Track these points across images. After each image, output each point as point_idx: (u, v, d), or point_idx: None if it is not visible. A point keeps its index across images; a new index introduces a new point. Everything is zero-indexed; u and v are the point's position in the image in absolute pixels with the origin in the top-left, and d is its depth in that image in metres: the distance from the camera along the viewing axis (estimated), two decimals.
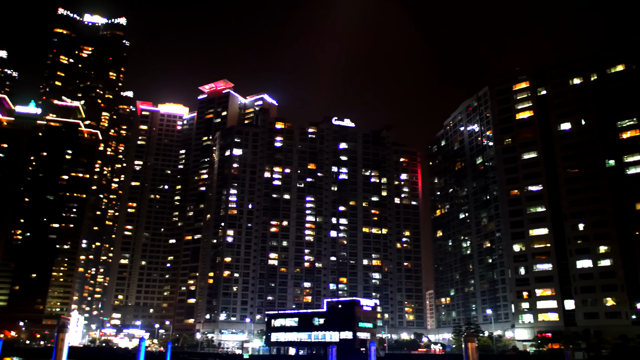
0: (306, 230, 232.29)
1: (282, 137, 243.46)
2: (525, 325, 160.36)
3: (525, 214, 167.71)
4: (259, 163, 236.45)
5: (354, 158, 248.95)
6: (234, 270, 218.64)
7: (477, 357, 58.69)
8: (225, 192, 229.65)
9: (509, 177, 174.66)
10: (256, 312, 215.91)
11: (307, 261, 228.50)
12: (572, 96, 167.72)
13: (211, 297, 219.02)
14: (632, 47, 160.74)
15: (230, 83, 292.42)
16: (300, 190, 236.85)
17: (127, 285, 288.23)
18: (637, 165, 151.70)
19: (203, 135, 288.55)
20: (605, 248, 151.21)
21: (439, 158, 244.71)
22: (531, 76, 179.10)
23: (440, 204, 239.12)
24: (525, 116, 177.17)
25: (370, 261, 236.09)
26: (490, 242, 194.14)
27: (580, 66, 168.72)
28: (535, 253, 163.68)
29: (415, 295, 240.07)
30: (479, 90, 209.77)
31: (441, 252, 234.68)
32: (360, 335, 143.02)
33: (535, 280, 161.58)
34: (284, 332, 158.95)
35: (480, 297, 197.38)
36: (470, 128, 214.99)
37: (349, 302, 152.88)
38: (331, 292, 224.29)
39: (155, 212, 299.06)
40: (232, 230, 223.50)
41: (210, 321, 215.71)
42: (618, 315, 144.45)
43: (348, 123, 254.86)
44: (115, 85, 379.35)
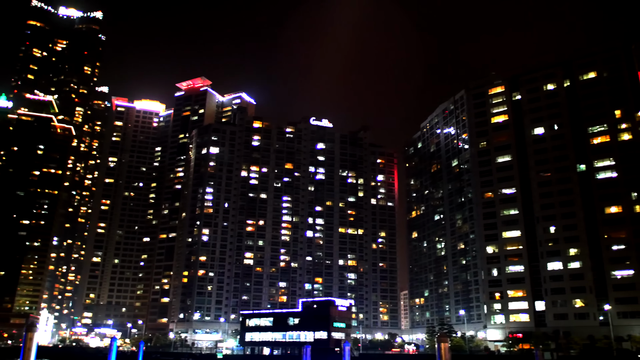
0: (282, 230, 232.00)
1: (259, 136, 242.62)
2: (497, 325, 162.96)
3: (499, 216, 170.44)
4: (236, 162, 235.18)
5: (332, 158, 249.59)
6: (209, 269, 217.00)
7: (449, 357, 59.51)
8: (202, 191, 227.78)
9: (483, 180, 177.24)
10: (231, 312, 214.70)
11: (283, 261, 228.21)
12: (546, 101, 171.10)
13: (185, 297, 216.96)
14: (603, 54, 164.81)
15: (208, 81, 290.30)
16: (277, 190, 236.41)
17: (99, 283, 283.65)
18: (606, 170, 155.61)
19: (179, 132, 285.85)
20: (575, 251, 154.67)
21: (415, 160, 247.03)
22: (506, 81, 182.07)
23: (416, 205, 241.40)
24: (500, 120, 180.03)
25: (345, 261, 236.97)
26: (465, 244, 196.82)
27: (554, 72, 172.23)
28: (507, 255, 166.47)
29: (390, 296, 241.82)
30: (456, 93, 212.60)
31: (416, 253, 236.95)
32: (335, 335, 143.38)
33: (508, 282, 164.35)
34: (258, 332, 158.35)
35: (454, 298, 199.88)
36: (447, 131, 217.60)
37: (324, 302, 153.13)
38: (306, 292, 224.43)
39: (130, 209, 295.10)
40: (208, 229, 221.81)
41: (184, 321, 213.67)
42: (586, 317, 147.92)
43: (326, 123, 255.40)
44: (90, 80, 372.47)
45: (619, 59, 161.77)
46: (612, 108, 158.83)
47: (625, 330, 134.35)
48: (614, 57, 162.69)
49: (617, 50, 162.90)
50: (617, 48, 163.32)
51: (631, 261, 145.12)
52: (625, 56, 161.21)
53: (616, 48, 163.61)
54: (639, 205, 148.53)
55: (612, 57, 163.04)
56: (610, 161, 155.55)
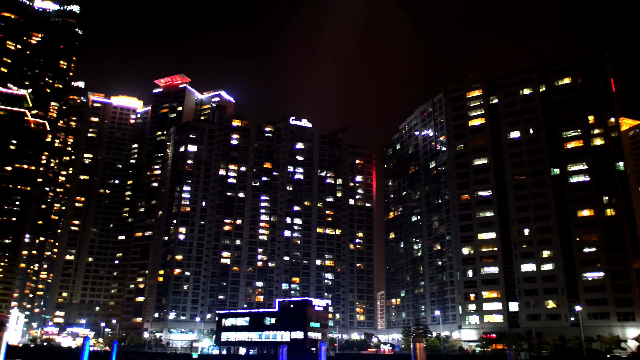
0: (260, 230, 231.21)
1: (238, 134, 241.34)
2: (471, 326, 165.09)
3: (475, 218, 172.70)
4: (214, 160, 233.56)
5: (310, 158, 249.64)
6: (185, 268, 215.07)
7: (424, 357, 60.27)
8: (179, 189, 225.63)
9: (460, 182, 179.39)
10: (207, 311, 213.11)
11: (260, 260, 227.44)
12: (522, 106, 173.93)
13: (161, 296, 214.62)
14: (578, 61, 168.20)
15: (187, 78, 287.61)
16: (255, 189, 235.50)
17: (72, 282, 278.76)
18: (579, 174, 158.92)
19: (157, 130, 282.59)
20: (548, 253, 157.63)
21: (393, 161, 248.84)
22: (484, 85, 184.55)
23: (394, 206, 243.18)
24: (477, 123, 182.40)
25: (323, 261, 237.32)
26: (441, 245, 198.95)
27: (530, 77, 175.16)
28: (483, 256, 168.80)
29: (367, 296, 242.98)
30: (435, 96, 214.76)
31: (393, 254, 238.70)
32: (311, 335, 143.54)
33: (482, 283, 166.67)
34: (234, 332, 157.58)
35: (430, 299, 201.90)
36: (425, 133, 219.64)
37: (301, 302, 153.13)
38: (283, 292, 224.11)
39: (105, 207, 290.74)
40: (185, 228, 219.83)
41: (159, 320, 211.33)
42: (558, 317, 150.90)
43: (305, 123, 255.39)
44: (66, 74, 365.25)
45: (592, 65, 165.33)
46: (585, 113, 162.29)
47: (595, 331, 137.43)
48: (587, 64, 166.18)
49: (591, 57, 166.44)
50: (591, 55, 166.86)
51: (601, 263, 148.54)
52: (599, 63, 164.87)
53: (590, 55, 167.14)
54: (609, 209, 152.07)
55: (586, 63, 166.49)
56: (583, 165, 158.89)
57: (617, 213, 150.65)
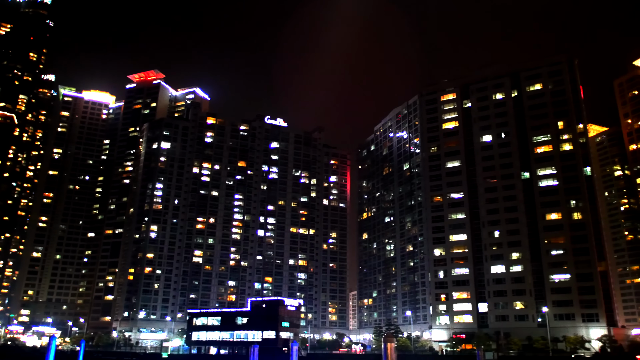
0: (233, 229, 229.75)
1: (212, 132, 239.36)
2: (442, 326, 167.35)
3: (447, 220, 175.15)
4: (188, 158, 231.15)
5: (285, 158, 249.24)
6: (156, 266, 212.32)
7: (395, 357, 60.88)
8: (151, 186, 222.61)
9: (433, 184, 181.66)
10: (177, 311, 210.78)
11: (233, 259, 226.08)
12: (494, 110, 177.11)
13: (130, 294, 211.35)
14: (549, 67, 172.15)
15: (161, 74, 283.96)
16: (229, 188, 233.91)
17: (39, 280, 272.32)
18: (548, 179, 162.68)
19: (130, 126, 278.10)
20: (517, 255, 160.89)
21: (368, 162, 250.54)
22: (458, 88, 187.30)
23: (367, 207, 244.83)
24: (451, 126, 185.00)
25: (296, 261, 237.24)
26: (413, 246, 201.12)
27: (502, 82, 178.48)
28: (454, 258, 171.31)
29: (339, 296, 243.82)
30: (410, 98, 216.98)
31: (366, 254, 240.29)
32: (283, 335, 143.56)
33: (453, 284, 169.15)
34: (205, 331, 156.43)
35: (401, 299, 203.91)
36: (399, 135, 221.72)
37: (273, 302, 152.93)
38: (256, 292, 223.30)
39: (74, 203, 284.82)
40: (156, 226, 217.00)
41: (128, 319, 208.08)
42: (526, 318, 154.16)
43: (281, 122, 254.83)
44: (36, 67, 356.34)
45: (562, 72, 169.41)
46: (555, 119, 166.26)
47: (560, 332, 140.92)
48: (558, 71, 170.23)
49: (562, 64, 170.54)
50: (562, 62, 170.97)
51: (568, 266, 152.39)
52: (569, 70, 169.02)
53: (560, 62, 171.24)
54: (576, 212, 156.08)
55: (556, 70, 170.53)
56: (552, 170, 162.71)
57: (583, 217, 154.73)
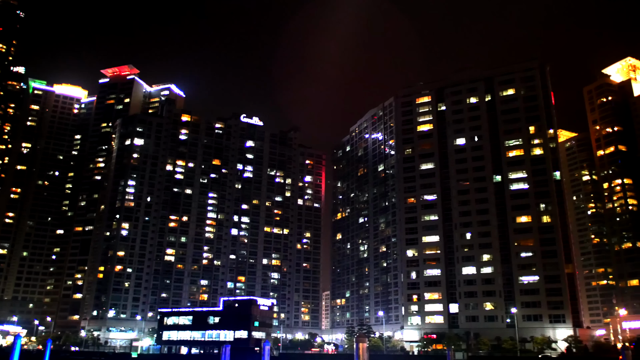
0: (207, 227, 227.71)
1: (187, 130, 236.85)
2: (413, 326, 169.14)
3: (420, 221, 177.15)
4: (161, 155, 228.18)
5: (260, 157, 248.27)
6: (127, 265, 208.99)
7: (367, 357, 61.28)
8: (123, 183, 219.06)
9: (407, 186, 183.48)
10: (148, 310, 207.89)
11: (206, 258, 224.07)
12: (468, 114, 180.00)
13: (100, 293, 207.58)
14: (521, 73, 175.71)
15: (135, 69, 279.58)
16: (203, 186, 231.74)
17: (5, 277, 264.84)
18: (519, 182, 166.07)
19: (102, 121, 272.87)
20: (488, 257, 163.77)
21: (343, 163, 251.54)
22: (433, 92, 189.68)
23: (342, 207, 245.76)
24: (425, 129, 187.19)
25: (269, 261, 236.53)
26: (386, 247, 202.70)
27: (477, 87, 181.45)
28: (426, 259, 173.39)
29: (312, 296, 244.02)
30: (386, 100, 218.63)
31: (339, 255, 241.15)
32: (255, 334, 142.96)
33: (425, 285, 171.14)
34: (176, 331, 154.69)
35: (374, 299, 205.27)
36: (375, 136, 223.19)
37: (246, 301, 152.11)
38: (229, 291, 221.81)
39: (43, 199, 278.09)
40: (128, 223, 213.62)
41: (97, 318, 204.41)
42: (495, 319, 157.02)
43: (256, 121, 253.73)
44: (5, 58, 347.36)
45: (534, 78, 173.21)
46: (527, 124, 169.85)
47: (528, 332, 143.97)
48: (530, 77, 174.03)
49: (534, 70, 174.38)
50: (534, 68, 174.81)
51: (537, 268, 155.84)
52: (541, 76, 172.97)
53: (533, 68, 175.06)
54: (545, 216, 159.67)
55: (529, 76, 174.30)
56: (522, 173, 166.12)
57: (552, 220, 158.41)
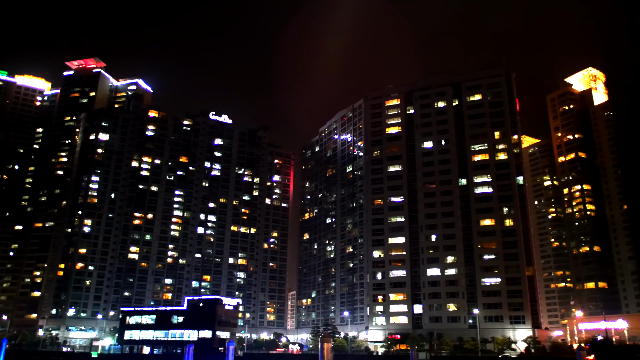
0: (172, 225, 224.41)
1: (154, 126, 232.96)
2: (378, 327, 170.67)
3: (387, 222, 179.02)
4: (127, 151, 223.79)
5: (229, 155, 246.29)
6: (89, 262, 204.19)
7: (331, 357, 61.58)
8: (86, 179, 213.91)
9: (374, 187, 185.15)
10: (110, 309, 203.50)
11: (171, 257, 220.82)
12: (436, 118, 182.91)
13: (60, 291, 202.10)
14: (488, 79, 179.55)
15: (102, 62, 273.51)
16: (169, 183, 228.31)
17: None
18: (483, 186, 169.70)
19: (66, 114, 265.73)
20: (452, 259, 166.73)
21: (312, 163, 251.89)
22: (402, 94, 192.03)
23: (310, 207, 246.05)
24: (394, 131, 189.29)
25: (236, 260, 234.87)
26: (353, 248, 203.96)
27: (445, 91, 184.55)
28: (392, 260, 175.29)
29: (278, 296, 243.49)
30: (355, 102, 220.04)
31: (306, 255, 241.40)
32: (220, 334, 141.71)
33: (390, 286, 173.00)
34: (139, 330, 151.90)
35: (340, 300, 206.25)
36: (344, 137, 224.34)
37: (210, 301, 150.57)
38: (193, 290, 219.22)
39: (1, 194, 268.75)
40: (91, 220, 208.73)
41: (56, 317, 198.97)
42: (458, 320, 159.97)
43: (225, 119, 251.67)
44: None
45: (500, 85, 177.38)
46: (492, 129, 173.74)
47: (490, 333, 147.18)
48: (496, 83, 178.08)
49: (500, 77, 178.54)
50: (500, 75, 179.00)
51: (499, 270, 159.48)
52: (507, 83, 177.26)
53: (499, 75, 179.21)
54: (508, 219, 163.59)
55: (495, 82, 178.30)
56: (487, 177, 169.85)
57: (514, 224, 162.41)
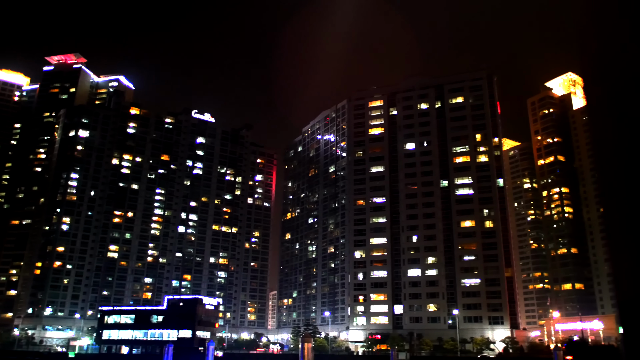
0: (153, 224, 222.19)
1: (136, 123, 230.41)
2: (359, 327, 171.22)
3: (368, 223, 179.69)
4: (108, 148, 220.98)
5: (211, 154, 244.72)
6: (67, 261, 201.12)
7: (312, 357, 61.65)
8: (66, 176, 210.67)
9: (357, 188, 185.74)
10: (88, 308, 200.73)
11: (151, 256, 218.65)
12: (419, 119, 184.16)
13: (36, 290, 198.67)
14: (470, 82, 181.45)
15: (83, 58, 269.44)
16: (150, 182, 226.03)
17: None
18: (464, 187, 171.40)
19: (45, 110, 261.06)
20: (432, 259, 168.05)
21: (294, 163, 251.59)
22: (385, 96, 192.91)
23: (292, 207, 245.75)
24: (376, 132, 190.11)
25: (217, 259, 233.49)
26: (335, 248, 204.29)
27: (427, 93, 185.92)
28: (373, 260, 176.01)
29: (259, 296, 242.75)
30: (339, 102, 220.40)
31: (288, 255, 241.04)
32: (200, 334, 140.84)
33: (371, 286, 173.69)
34: (117, 330, 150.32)
35: (321, 300, 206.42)
36: (327, 137, 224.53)
37: (191, 300, 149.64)
38: (174, 289, 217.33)
39: None
40: (69, 218, 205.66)
41: (32, 316, 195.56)
42: (438, 320, 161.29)
43: (208, 117, 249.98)
44: None
45: (482, 88, 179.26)
46: (473, 132, 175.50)
47: (469, 333, 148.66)
48: (478, 86, 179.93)
49: (482, 80, 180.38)
50: (482, 78, 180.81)
51: (478, 271, 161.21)
52: (489, 86, 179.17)
53: (481, 78, 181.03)
54: (488, 221, 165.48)
55: (477, 85, 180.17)
56: (468, 179, 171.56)
57: (494, 225, 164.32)
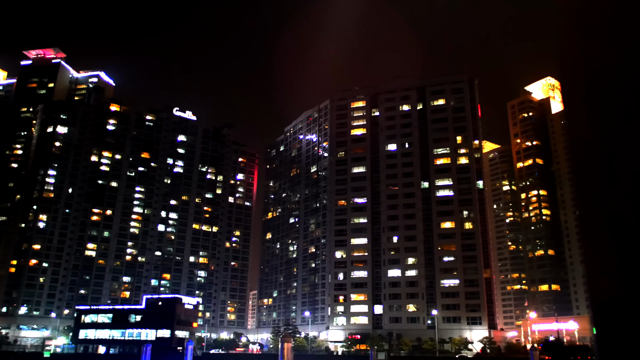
0: (132, 222, 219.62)
1: (116, 120, 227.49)
2: (339, 327, 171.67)
3: (349, 223, 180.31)
4: (86, 145, 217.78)
5: (192, 152, 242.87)
6: (43, 259, 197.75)
7: (291, 356, 61.65)
8: (43, 172, 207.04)
9: (338, 188, 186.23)
10: (65, 307, 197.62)
11: (130, 254, 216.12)
12: (400, 121, 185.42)
13: (11, 288, 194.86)
14: (452, 85, 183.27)
15: (62, 53, 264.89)
16: (130, 179, 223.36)
17: None
18: (444, 189, 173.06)
19: (22, 105, 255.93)
20: (412, 260, 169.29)
21: (276, 162, 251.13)
22: (368, 97, 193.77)
23: (273, 207, 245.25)
24: (359, 133, 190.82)
25: (197, 258, 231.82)
26: (315, 248, 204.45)
27: (409, 95, 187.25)
28: (354, 260, 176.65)
29: (239, 295, 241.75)
30: (321, 102, 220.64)
31: (268, 254, 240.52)
32: (179, 333, 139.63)
33: (352, 286, 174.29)
34: (95, 329, 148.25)
35: (301, 300, 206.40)
36: (309, 137, 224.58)
37: (170, 299, 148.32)
38: (153, 288, 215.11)
39: None
40: (46, 215, 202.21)
41: (6, 315, 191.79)
42: (417, 320, 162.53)
43: (190, 115, 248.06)
44: None
45: (463, 90, 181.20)
46: (454, 134, 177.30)
47: (447, 333, 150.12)
48: (460, 89, 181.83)
49: (463, 82, 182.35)
50: (463, 81, 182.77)
51: (457, 272, 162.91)
52: (470, 89, 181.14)
53: (462, 80, 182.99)
54: (468, 222, 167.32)
55: (458, 88, 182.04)
56: (449, 181, 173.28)
57: (474, 227, 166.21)
